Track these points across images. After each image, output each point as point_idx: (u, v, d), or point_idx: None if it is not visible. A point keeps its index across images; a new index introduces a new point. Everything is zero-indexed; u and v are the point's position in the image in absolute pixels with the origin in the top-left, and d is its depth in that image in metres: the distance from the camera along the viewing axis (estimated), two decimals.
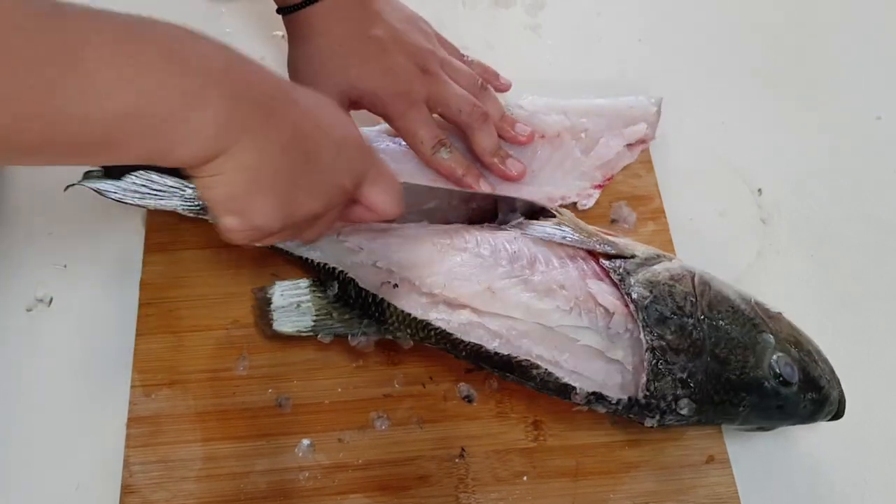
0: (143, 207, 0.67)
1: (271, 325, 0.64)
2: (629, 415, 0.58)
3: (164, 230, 0.70)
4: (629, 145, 0.74)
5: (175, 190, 0.67)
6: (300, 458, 0.61)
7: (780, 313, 0.61)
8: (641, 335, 0.57)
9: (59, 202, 0.70)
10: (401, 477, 0.61)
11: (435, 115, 0.69)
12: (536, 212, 0.66)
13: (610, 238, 0.64)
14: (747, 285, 0.69)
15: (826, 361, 0.60)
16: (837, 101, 0.82)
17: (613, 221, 0.72)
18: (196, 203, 0.67)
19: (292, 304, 0.64)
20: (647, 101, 0.76)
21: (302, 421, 0.63)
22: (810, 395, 0.58)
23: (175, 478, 0.60)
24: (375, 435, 0.62)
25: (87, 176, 0.68)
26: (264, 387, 0.64)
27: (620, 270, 0.60)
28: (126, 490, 0.60)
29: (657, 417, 0.58)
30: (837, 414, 0.60)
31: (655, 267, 0.60)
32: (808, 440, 0.64)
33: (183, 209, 0.67)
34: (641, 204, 0.73)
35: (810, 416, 0.60)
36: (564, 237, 0.62)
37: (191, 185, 0.68)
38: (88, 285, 0.69)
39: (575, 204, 0.72)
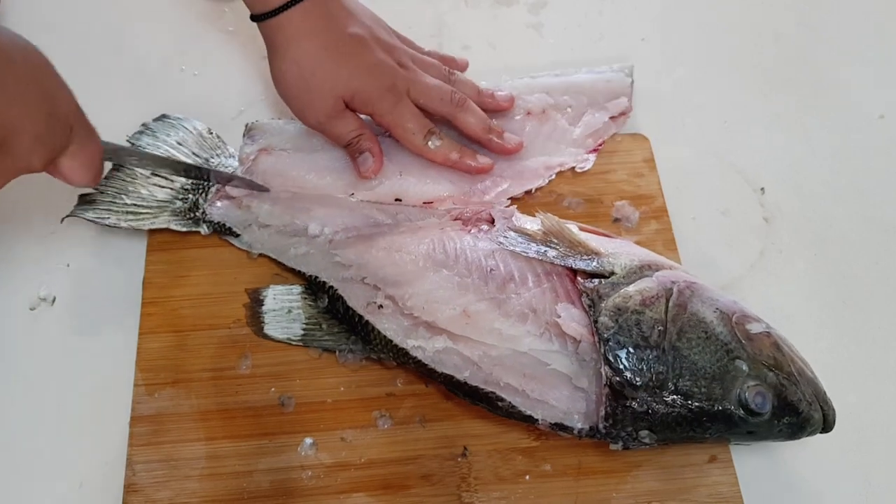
0: (139, 229, 0.69)
1: (262, 328, 0.65)
2: (594, 438, 0.59)
3: (166, 230, 0.70)
4: (612, 118, 0.75)
5: (165, 204, 0.69)
6: (303, 457, 0.61)
7: (766, 331, 0.58)
8: (601, 369, 0.57)
9: (62, 201, 0.70)
10: (403, 476, 0.61)
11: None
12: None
13: (592, 246, 0.63)
14: (749, 285, 0.70)
15: (811, 381, 0.58)
16: (840, 101, 0.82)
17: (616, 220, 0.72)
18: (188, 217, 0.69)
19: (284, 308, 0.66)
20: (622, 72, 0.78)
21: (304, 420, 0.63)
22: (786, 419, 0.56)
23: (178, 476, 0.60)
24: (378, 434, 0.62)
25: (82, 201, 0.69)
26: (267, 386, 0.64)
27: (593, 294, 0.60)
28: (129, 489, 0.60)
29: (620, 444, 0.58)
30: (825, 430, 0.58)
31: (629, 289, 0.59)
32: (811, 440, 0.64)
33: (175, 224, 0.68)
34: (644, 203, 0.73)
35: (789, 437, 0.58)
36: (544, 253, 0.63)
37: (179, 198, 0.70)
38: (91, 284, 0.69)
39: (573, 168, 0.73)
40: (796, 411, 0.56)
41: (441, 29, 0.76)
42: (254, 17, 0.67)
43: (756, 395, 0.56)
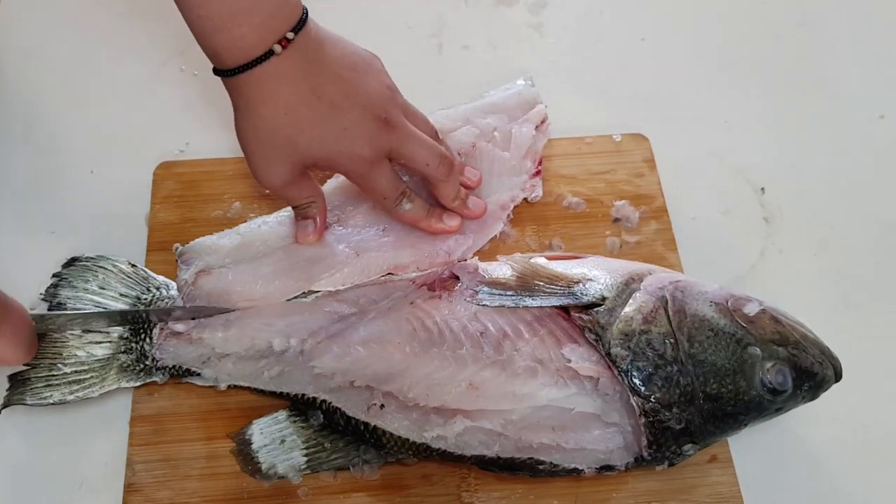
0: (89, 398, 0.62)
1: (260, 469, 0.60)
2: (640, 468, 0.59)
3: (166, 229, 0.70)
4: (536, 127, 0.74)
5: (108, 361, 0.63)
6: None
7: (761, 309, 0.60)
8: (631, 400, 0.57)
9: (62, 201, 0.70)
10: (403, 476, 0.61)
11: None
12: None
13: (571, 275, 0.61)
14: (750, 285, 0.70)
15: (815, 342, 0.59)
16: (840, 100, 0.82)
17: (616, 220, 0.72)
18: (137, 370, 0.63)
19: (275, 440, 0.61)
20: (524, 83, 0.76)
21: None
22: (806, 385, 0.58)
23: (178, 476, 0.60)
24: None
25: (14, 383, 0.61)
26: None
27: (595, 327, 0.59)
28: (129, 488, 0.60)
29: (665, 463, 0.58)
30: (836, 381, 0.59)
31: (627, 310, 0.59)
32: (811, 440, 0.64)
33: (126, 381, 0.62)
34: (644, 203, 0.73)
35: (811, 399, 0.60)
36: (523, 304, 0.60)
37: (122, 350, 0.63)
38: None
39: (526, 199, 0.72)
40: (813, 375, 0.58)
41: (441, 29, 0.76)
42: (216, 72, 0.60)
43: (777, 374, 0.57)
